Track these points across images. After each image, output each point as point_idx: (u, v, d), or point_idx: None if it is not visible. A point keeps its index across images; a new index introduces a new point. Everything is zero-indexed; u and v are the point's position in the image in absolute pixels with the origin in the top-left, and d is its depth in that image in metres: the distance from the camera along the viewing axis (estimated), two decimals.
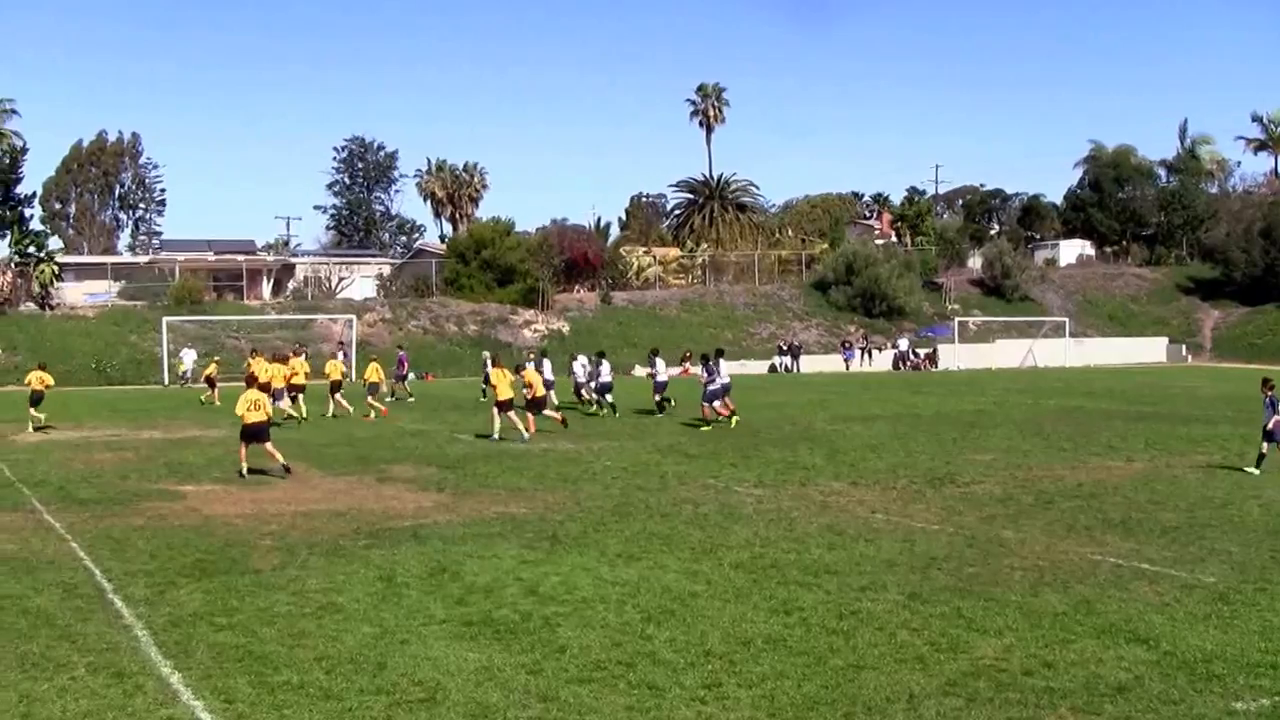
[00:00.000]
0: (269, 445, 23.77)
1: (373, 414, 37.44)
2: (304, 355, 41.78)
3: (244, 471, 23.49)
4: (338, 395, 38.79)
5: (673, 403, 37.15)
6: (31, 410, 34.34)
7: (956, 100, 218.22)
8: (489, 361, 40.20)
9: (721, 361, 34.22)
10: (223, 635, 11.71)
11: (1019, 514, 18.43)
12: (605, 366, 39.68)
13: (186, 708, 9.63)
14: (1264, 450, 23.12)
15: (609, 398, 38.42)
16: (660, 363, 38.44)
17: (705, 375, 34.48)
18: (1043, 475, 22.83)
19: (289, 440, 30.24)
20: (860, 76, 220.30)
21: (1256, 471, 22.76)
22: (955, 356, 78.00)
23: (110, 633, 11.89)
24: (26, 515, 19.24)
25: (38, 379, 35.02)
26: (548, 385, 36.71)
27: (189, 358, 61.51)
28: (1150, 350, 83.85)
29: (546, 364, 39.79)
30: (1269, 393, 23.11)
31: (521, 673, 10.40)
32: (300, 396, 37.01)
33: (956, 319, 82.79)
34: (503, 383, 30.86)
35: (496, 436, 30.00)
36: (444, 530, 17.39)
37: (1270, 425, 23.00)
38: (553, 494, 20.98)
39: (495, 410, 30.56)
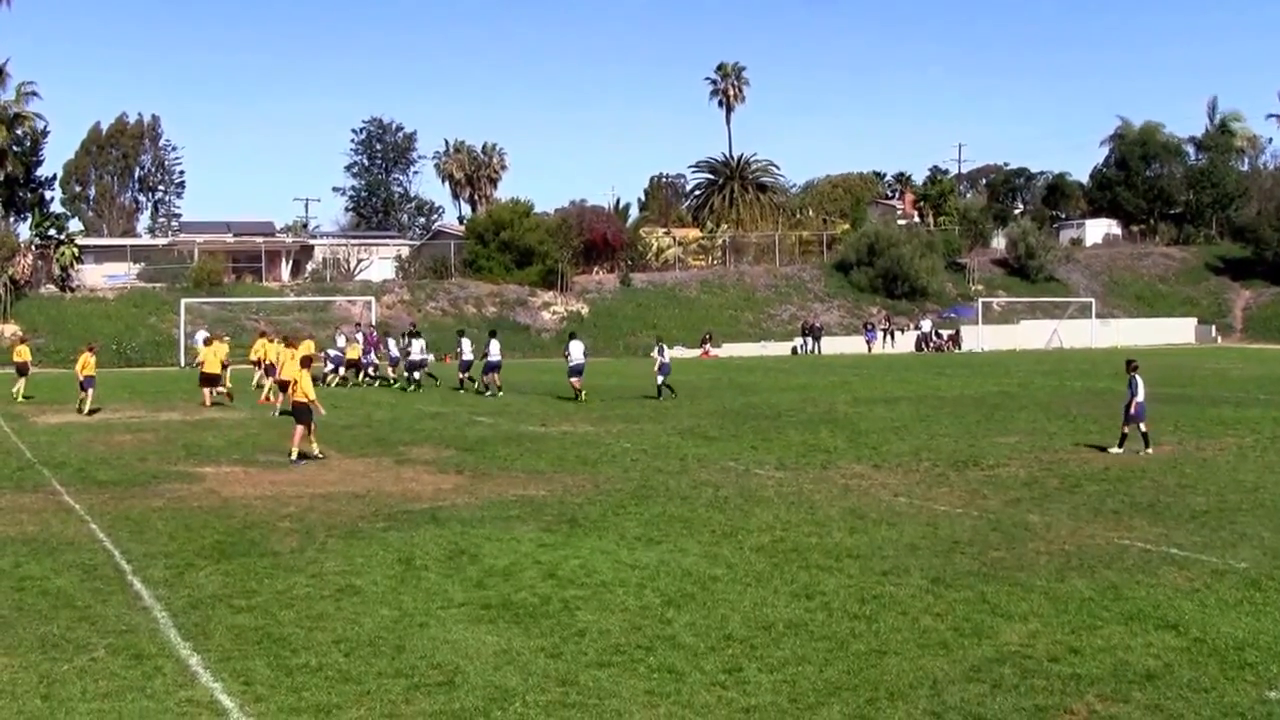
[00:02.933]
0: (298, 428, 23.67)
1: (269, 395, 37.14)
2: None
3: (314, 453, 23.66)
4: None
5: (674, 393, 36.77)
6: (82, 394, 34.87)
7: (980, 78, 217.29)
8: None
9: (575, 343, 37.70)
10: (241, 617, 11.74)
11: (1044, 497, 18.36)
12: (419, 344, 42.86)
13: (205, 689, 9.65)
14: (1125, 430, 23.81)
15: (418, 375, 42.17)
16: (665, 348, 38.28)
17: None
18: (1069, 458, 22.75)
19: None
20: (882, 54, 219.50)
21: (1119, 451, 23.35)
22: (979, 338, 77.77)
23: (130, 614, 11.93)
24: (47, 497, 19.32)
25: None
26: (464, 365, 41.84)
27: (202, 339, 61.36)
28: (1179, 331, 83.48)
29: (465, 343, 42.59)
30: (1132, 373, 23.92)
31: (540, 656, 10.40)
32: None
33: (980, 300, 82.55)
34: None
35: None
36: (463, 513, 17.40)
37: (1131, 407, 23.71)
38: (572, 477, 20.98)
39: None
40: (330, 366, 44.46)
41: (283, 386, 34.48)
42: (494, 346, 40.10)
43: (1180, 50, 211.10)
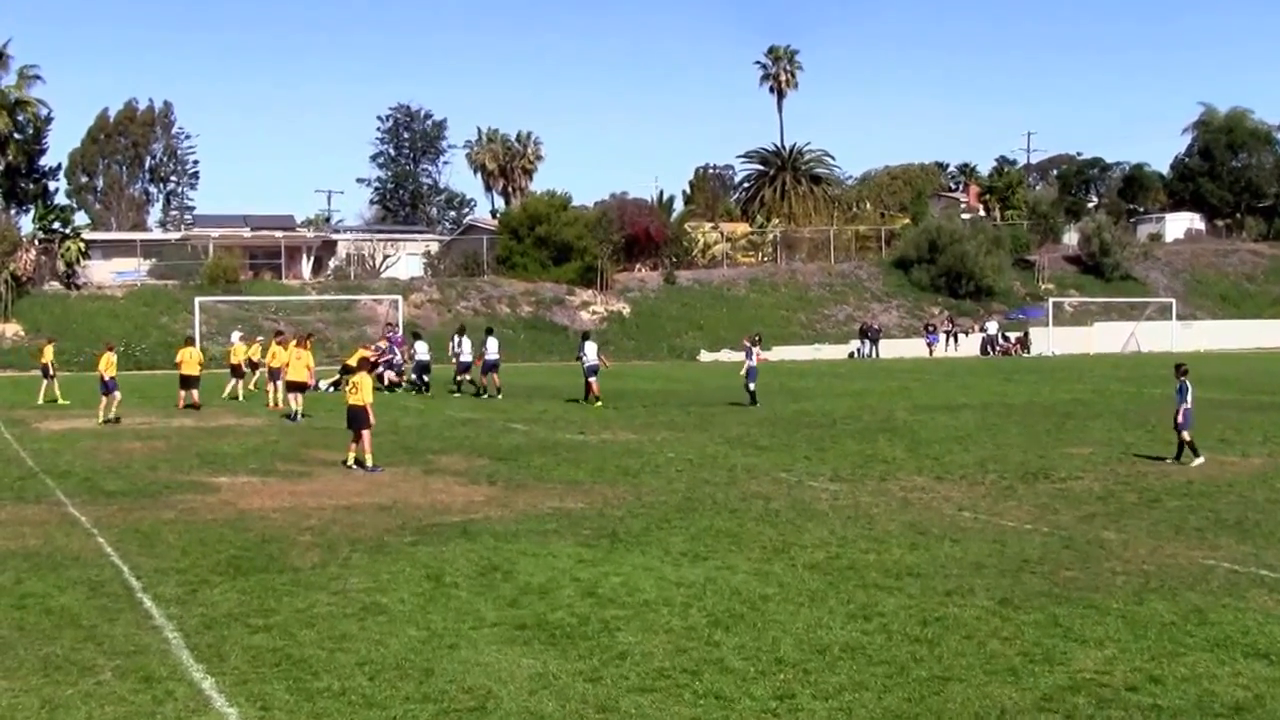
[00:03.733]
0: (364, 435, 23.72)
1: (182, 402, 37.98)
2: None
3: (349, 462, 23.73)
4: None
5: (754, 401, 36.57)
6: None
7: (1051, 61, 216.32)
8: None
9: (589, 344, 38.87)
10: (259, 638, 11.76)
11: (1121, 513, 18.21)
12: (422, 345, 44.67)
13: (219, 715, 9.67)
14: (1183, 439, 23.76)
15: (426, 378, 43.73)
16: (755, 350, 38.07)
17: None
18: (1147, 471, 22.57)
19: (328, 429, 30.45)
20: (945, 35, 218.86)
21: (1175, 462, 23.42)
22: (1049, 341, 77.43)
23: (139, 634, 11.97)
24: (50, 508, 19.43)
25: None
26: (462, 367, 43.02)
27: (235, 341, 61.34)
28: (1268, 334, 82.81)
29: (466, 342, 43.49)
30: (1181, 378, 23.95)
31: (579, 680, 10.38)
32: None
33: (1051, 300, 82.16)
34: None
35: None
36: (496, 526, 17.40)
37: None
38: (612, 488, 20.96)
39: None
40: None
41: (291, 388, 34.90)
42: (492, 345, 40.84)
43: (1270, 31, 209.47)
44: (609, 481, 21.74)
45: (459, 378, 42.85)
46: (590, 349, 38.79)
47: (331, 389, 42.91)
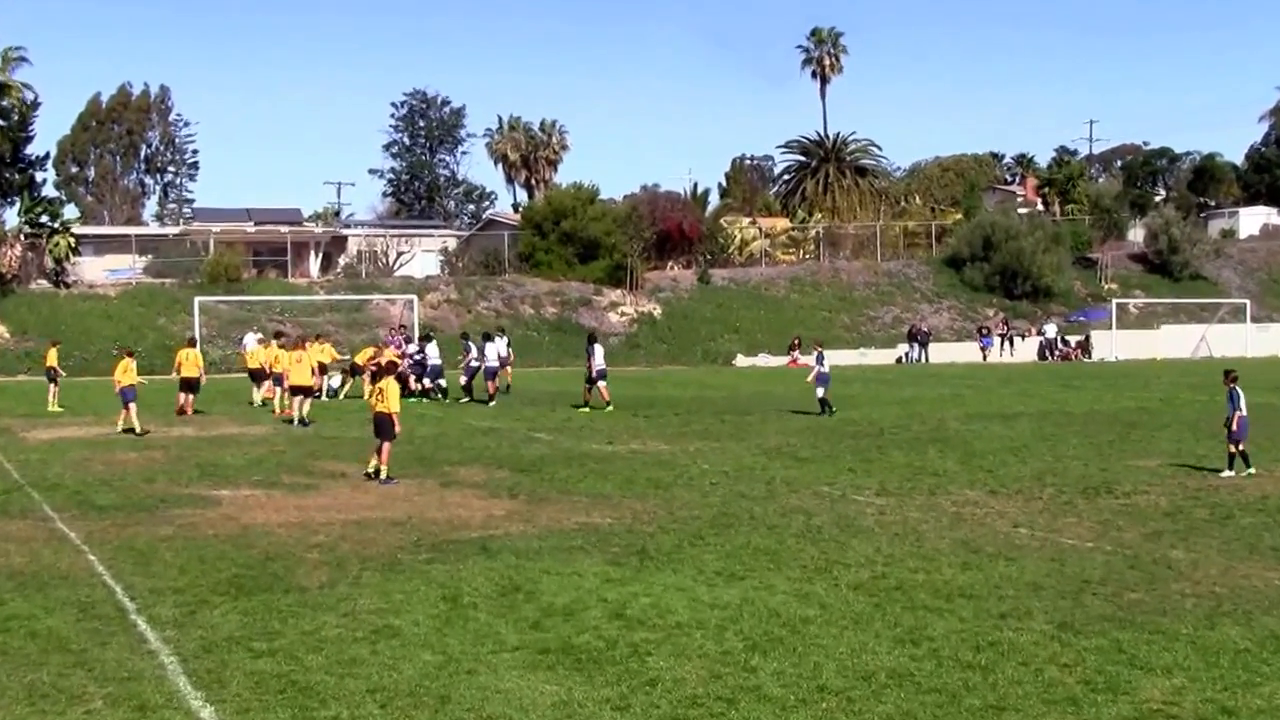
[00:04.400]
0: (385, 445, 23.80)
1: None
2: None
3: (370, 473, 23.85)
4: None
5: (831, 409, 36.38)
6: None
7: (1116, 42, 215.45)
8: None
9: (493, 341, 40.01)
10: (262, 662, 11.79)
11: (1190, 530, 18.13)
12: (433, 349, 44.36)
13: None
14: (1232, 451, 23.84)
15: (442, 382, 44.02)
16: (825, 355, 37.87)
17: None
18: (1219, 485, 22.47)
19: (336, 438, 30.55)
20: (1000, 17, 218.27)
21: (1230, 473, 23.44)
22: (1112, 345, 77.15)
23: (133, 659, 12.00)
24: (37, 523, 19.50)
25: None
26: (469, 371, 42.85)
27: (251, 343, 59.95)
28: None
29: (473, 347, 43.75)
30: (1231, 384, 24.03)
31: (606, 709, 10.37)
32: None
33: (1114, 301, 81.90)
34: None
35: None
36: (517, 543, 17.42)
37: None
38: (642, 502, 20.97)
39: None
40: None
41: (296, 391, 35.20)
42: (492, 350, 41.33)
43: None
44: (639, 495, 21.75)
45: (464, 381, 43.12)
46: (599, 351, 39.51)
47: (329, 395, 43.15)
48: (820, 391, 36.14)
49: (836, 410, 36.16)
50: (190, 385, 37.81)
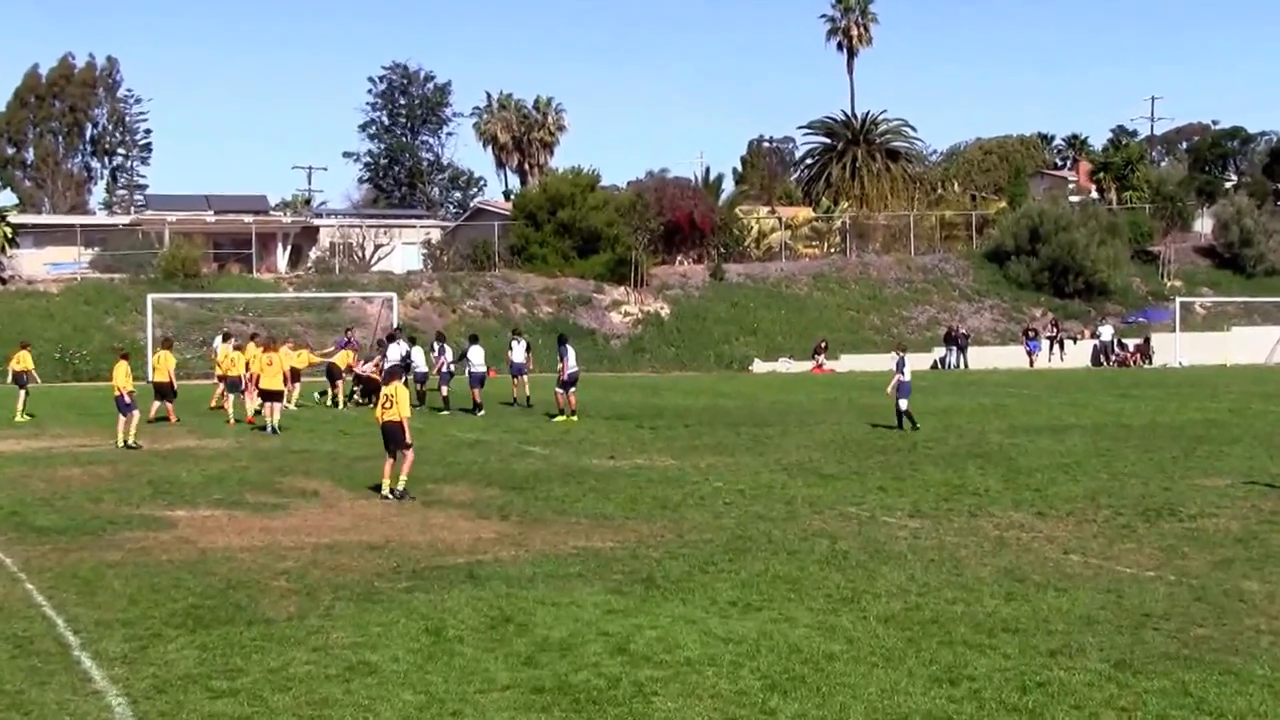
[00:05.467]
0: (407, 454, 23.97)
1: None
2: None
3: (384, 491, 23.95)
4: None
5: (915, 424, 36.14)
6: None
7: (1180, 9, 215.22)
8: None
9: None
10: (222, 704, 11.80)
11: (1265, 558, 18.13)
12: (419, 352, 44.69)
13: None
14: None
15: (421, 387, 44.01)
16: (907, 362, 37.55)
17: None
18: None
19: (307, 451, 30.57)
20: None
21: None
22: (1176, 349, 77.09)
23: (75, 700, 12.00)
24: None
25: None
26: (445, 377, 43.39)
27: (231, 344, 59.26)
28: None
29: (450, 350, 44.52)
30: None
31: None
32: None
33: (1178, 300, 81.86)
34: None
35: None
36: (508, 569, 17.44)
37: None
38: (648, 524, 20.99)
39: None
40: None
41: (265, 396, 35.55)
42: (477, 354, 41.88)
43: None
44: (644, 516, 21.76)
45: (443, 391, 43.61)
46: (572, 354, 40.10)
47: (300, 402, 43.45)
48: (903, 404, 35.84)
49: (920, 425, 35.91)
50: (164, 391, 38.16)
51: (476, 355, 42.16)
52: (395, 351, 43.75)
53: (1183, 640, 13.71)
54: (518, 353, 43.67)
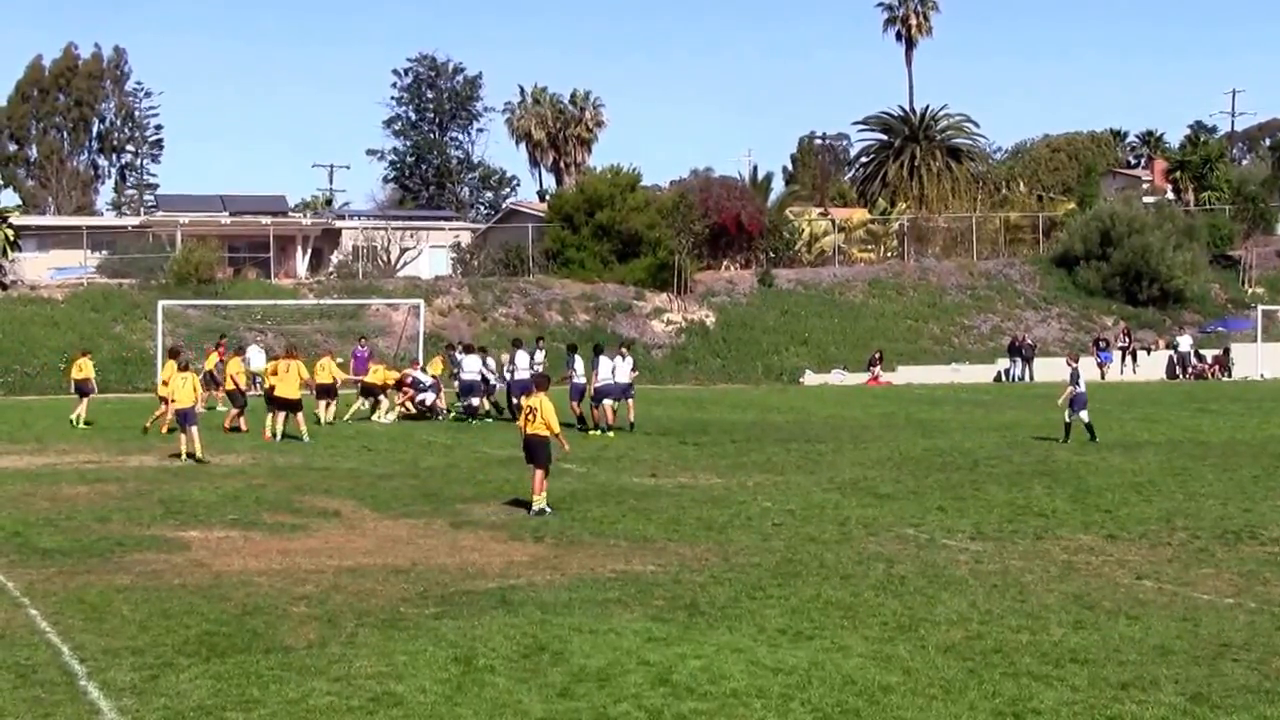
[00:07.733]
0: (539, 472, 24.39)
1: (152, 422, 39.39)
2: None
3: (535, 508, 24.28)
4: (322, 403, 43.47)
5: (1092, 435, 36.12)
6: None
7: None
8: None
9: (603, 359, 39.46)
10: None
11: None
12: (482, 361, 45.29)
13: None
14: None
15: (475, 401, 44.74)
16: (1080, 373, 37.60)
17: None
18: None
19: (329, 469, 30.64)
20: None
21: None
22: (1258, 360, 76.72)
23: None
24: None
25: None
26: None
27: (257, 358, 57.20)
28: None
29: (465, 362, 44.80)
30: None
31: None
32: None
33: (1260, 308, 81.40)
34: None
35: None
36: (543, 594, 17.46)
37: None
38: (691, 547, 20.99)
39: None
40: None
41: (283, 406, 35.73)
42: (471, 362, 42.53)
43: None
44: (687, 538, 21.77)
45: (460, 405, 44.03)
46: (580, 364, 40.90)
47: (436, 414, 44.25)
48: (1085, 415, 36.19)
49: (1098, 437, 36.01)
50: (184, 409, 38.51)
51: (471, 364, 43.06)
52: (473, 363, 44.04)
53: (1264, 672, 13.67)
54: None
